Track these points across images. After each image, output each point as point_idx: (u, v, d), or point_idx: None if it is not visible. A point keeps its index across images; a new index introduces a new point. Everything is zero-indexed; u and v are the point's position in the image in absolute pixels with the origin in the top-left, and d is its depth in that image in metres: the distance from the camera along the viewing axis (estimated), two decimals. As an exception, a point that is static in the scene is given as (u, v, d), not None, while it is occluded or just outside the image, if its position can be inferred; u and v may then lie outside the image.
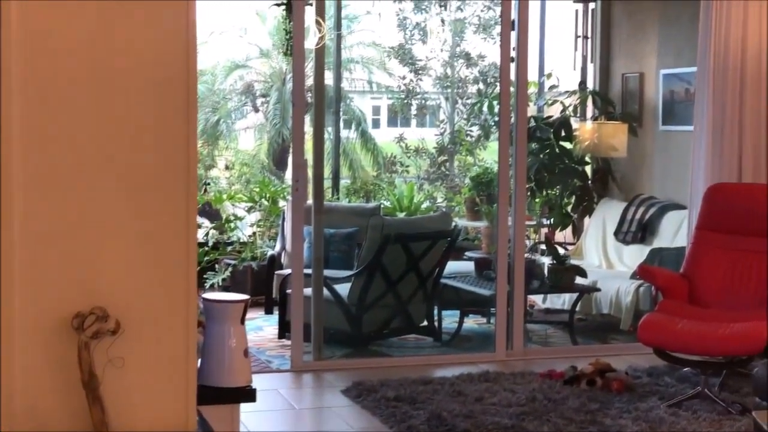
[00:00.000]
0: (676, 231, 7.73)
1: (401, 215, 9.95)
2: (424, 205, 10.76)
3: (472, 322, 8.04)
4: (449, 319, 7.83)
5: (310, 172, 6.90)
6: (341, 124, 12.69)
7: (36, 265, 2.49)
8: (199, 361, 2.94)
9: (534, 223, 9.32)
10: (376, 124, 16.78)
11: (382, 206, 9.61)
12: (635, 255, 8.06)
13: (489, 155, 11.67)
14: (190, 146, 2.65)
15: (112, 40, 2.54)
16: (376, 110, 17.33)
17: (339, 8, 10.30)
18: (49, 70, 2.50)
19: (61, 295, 2.51)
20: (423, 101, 13.95)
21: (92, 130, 2.55)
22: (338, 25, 10.25)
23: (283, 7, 8.59)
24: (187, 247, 2.67)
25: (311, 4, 7.20)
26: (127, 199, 2.60)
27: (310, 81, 7.06)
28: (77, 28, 2.51)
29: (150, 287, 2.62)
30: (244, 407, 3.16)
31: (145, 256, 2.62)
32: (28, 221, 2.47)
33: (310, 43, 7.00)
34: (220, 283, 8.66)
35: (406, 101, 13.87)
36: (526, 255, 7.24)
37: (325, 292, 6.87)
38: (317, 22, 7.24)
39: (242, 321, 3.06)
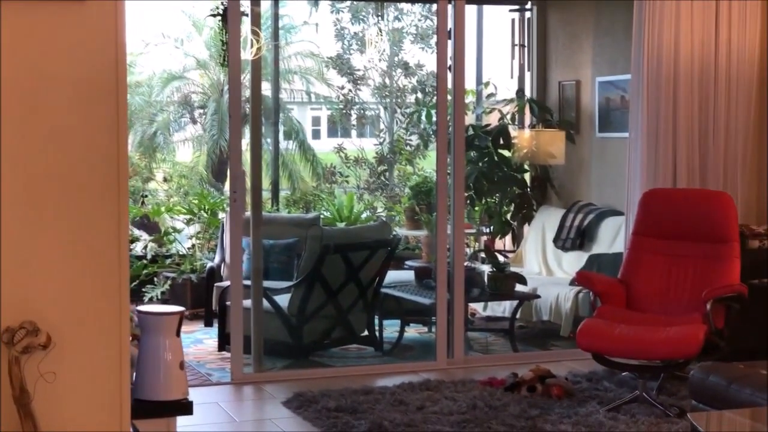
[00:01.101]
0: (614, 237, 7.81)
1: (341, 226, 9.93)
2: (364, 215, 10.75)
3: (413, 332, 8.04)
4: (390, 329, 7.82)
5: (248, 183, 6.86)
6: (281, 135, 12.65)
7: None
8: (134, 374, 2.90)
9: (474, 231, 9.36)
10: (316, 134, 16.75)
11: (321, 216, 9.58)
12: (574, 261, 8.12)
13: (428, 164, 11.70)
14: (120, 157, 2.62)
15: (40, 45, 2.50)
16: (316, 121, 17.30)
17: (276, 19, 10.26)
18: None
19: (-10, 310, 2.46)
20: (362, 111, 13.94)
21: (20, 140, 2.51)
22: (275, 36, 10.21)
23: (219, 17, 8.53)
24: (119, 259, 2.63)
25: (247, 15, 7.16)
26: (57, 211, 2.55)
27: (248, 92, 7.02)
28: (4, 32, 2.46)
29: (82, 300, 2.58)
30: (182, 421, 3.12)
31: (76, 268, 2.58)
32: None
33: (247, 54, 6.96)
34: (159, 297, 8.58)
35: (345, 111, 13.85)
36: (465, 263, 7.26)
37: (265, 303, 6.83)
38: (254, 32, 7.20)
39: (178, 333, 3.02)
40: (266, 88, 9.85)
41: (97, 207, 2.59)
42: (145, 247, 9.14)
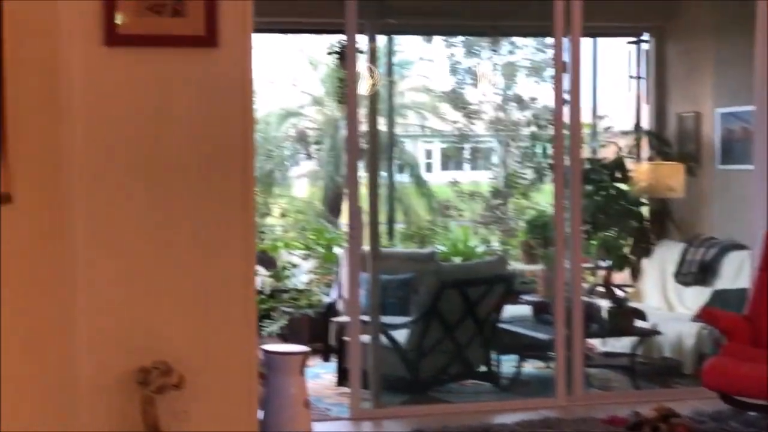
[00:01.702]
0: (738, 272, 7.61)
1: (457, 260, 9.91)
2: (479, 249, 10.71)
3: (531, 367, 7.95)
4: (508, 364, 7.75)
5: (365, 219, 6.91)
6: (395, 169, 12.71)
7: (100, 321, 2.50)
8: (261, 412, 2.93)
9: (591, 265, 9.24)
10: (429, 167, 16.78)
11: (437, 251, 9.58)
12: (696, 297, 7.94)
13: (544, 198, 11.61)
14: (247, 196, 2.67)
15: (171, 92, 2.57)
16: (429, 154, 17.34)
17: (391, 55, 10.35)
18: (109, 122, 2.52)
19: (125, 350, 2.52)
20: (476, 145, 13.93)
21: (151, 179, 2.57)
22: (390, 71, 10.29)
23: (336, 55, 8.65)
24: (246, 299, 2.67)
25: (363, 52, 7.24)
26: (187, 253, 2.61)
27: (362, 127, 7.10)
28: (137, 78, 2.53)
29: (212, 340, 2.62)
30: (306, 457, 3.14)
31: (205, 309, 2.62)
32: (91, 278, 2.49)
33: (363, 89, 7.04)
34: (278, 332, 8.67)
35: (459, 145, 13.86)
36: (584, 298, 7.16)
37: (383, 338, 6.85)
38: (369, 69, 7.27)
39: (302, 372, 3.05)
40: (381, 123, 9.92)
41: (225, 248, 2.64)
42: (263, 283, 9.25)
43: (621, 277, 9.37)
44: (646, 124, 9.16)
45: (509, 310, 7.76)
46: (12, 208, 2.15)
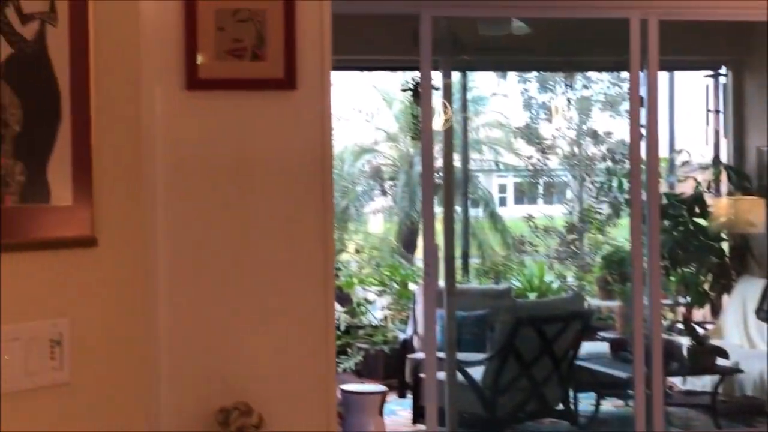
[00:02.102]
0: (821, 309, 7.45)
1: (532, 296, 9.85)
2: (554, 285, 10.63)
3: (609, 405, 7.85)
4: (585, 402, 7.66)
5: (440, 254, 6.90)
6: (469, 204, 12.70)
7: (182, 362, 2.52)
8: (339, 452, 2.93)
9: (670, 302, 9.10)
10: (502, 202, 16.72)
11: (512, 287, 9.52)
12: (779, 334, 7.78)
13: (620, 233, 11.49)
14: (326, 236, 2.67)
15: (251, 134, 2.59)
16: (502, 188, 17.28)
17: (465, 90, 10.36)
18: (190, 164, 2.56)
19: (206, 390, 2.53)
20: (550, 179, 13.87)
21: (232, 221, 2.60)
22: (464, 107, 10.31)
23: (410, 91, 8.69)
24: (325, 338, 2.68)
25: (438, 88, 7.26)
26: (267, 293, 2.62)
27: (437, 163, 7.11)
28: (217, 120, 2.57)
29: (290, 379, 2.62)
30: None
31: (284, 348, 2.63)
32: (172, 317, 2.52)
33: (438, 125, 7.05)
34: (353, 368, 8.67)
35: (533, 180, 13.81)
36: (663, 335, 7.05)
37: (459, 375, 6.82)
38: (444, 105, 7.29)
39: (380, 412, 3.04)
40: (455, 159, 9.93)
41: (305, 288, 2.64)
42: (338, 319, 9.28)
43: (701, 314, 9.22)
44: (724, 158, 9.03)
45: (586, 347, 7.68)
46: (97, 251, 2.19)
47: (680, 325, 8.51)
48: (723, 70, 9.12)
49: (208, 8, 2.51)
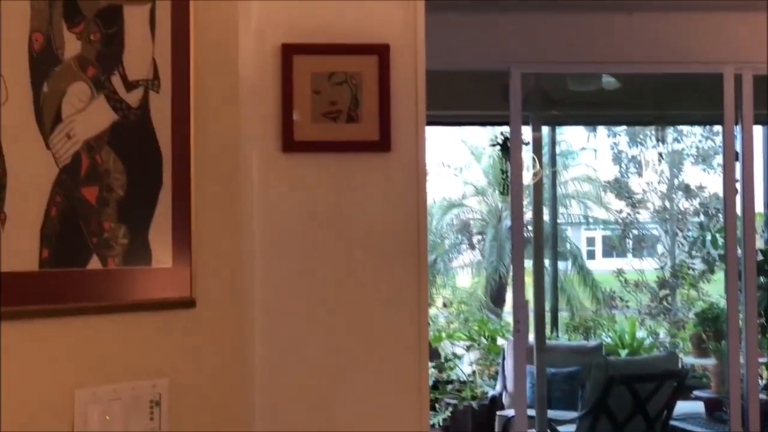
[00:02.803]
0: None
1: (623, 353, 9.69)
2: (646, 342, 10.45)
3: (704, 466, 7.65)
4: (680, 463, 7.49)
5: (530, 309, 6.84)
6: (557, 259, 12.58)
7: (275, 418, 2.54)
8: None
9: (767, 360, 8.88)
10: (590, 255, 16.55)
11: (603, 343, 9.39)
12: None
13: (714, 289, 11.27)
14: (421, 297, 2.68)
15: (346, 195, 2.62)
16: (590, 241, 17.12)
17: (554, 145, 10.33)
18: (285, 225, 2.59)
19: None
20: (640, 233, 13.69)
21: (327, 281, 2.61)
22: (553, 162, 10.27)
23: (499, 146, 8.69)
24: (419, 394, 2.67)
25: (527, 143, 7.26)
26: (362, 351, 2.63)
27: (526, 217, 7.09)
28: (312, 182, 2.60)
29: (386, 439, 2.62)
30: None
31: (378, 403, 2.63)
32: (267, 375, 2.54)
33: (527, 179, 7.04)
34: (441, 423, 8.61)
35: (622, 234, 13.66)
36: (760, 395, 6.87)
37: (549, 434, 6.72)
38: (533, 160, 7.28)
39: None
40: (544, 213, 9.88)
41: (399, 348, 2.65)
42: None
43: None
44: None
45: (681, 407, 7.51)
46: (195, 312, 2.22)
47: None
48: (819, 123, 8.93)
49: (304, 71, 2.55)
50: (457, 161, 14.95)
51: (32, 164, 1.93)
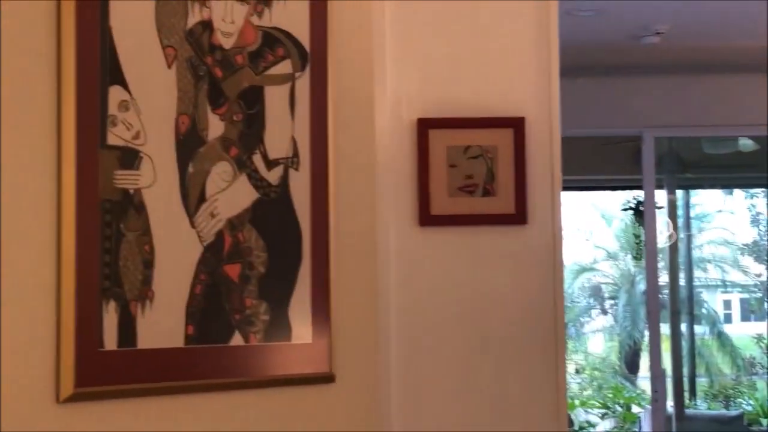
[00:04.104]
0: None
1: (765, 422, 9.34)
2: (791, 410, 10.05)
3: None
4: None
5: (667, 376, 6.67)
6: (694, 323, 12.25)
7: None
8: None
9: None
10: (726, 318, 16.07)
11: (744, 413, 9.07)
12: None
13: None
14: (559, 366, 2.65)
15: (481, 268, 2.61)
16: (727, 304, 16.63)
17: (688, 208, 10.13)
18: (421, 298, 2.59)
19: None
20: (781, 297, 13.24)
21: (464, 352, 2.61)
22: (688, 225, 10.06)
23: (632, 210, 8.58)
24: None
25: (661, 207, 7.14)
26: (498, 421, 2.61)
27: (660, 281, 6.94)
28: (448, 255, 2.60)
29: None
30: None
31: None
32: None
33: (661, 243, 6.91)
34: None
35: (762, 298, 13.24)
36: None
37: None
38: (668, 224, 7.15)
39: None
40: (680, 277, 9.66)
41: (535, 415, 2.62)
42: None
43: None
44: None
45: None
46: (334, 388, 2.23)
47: None
48: None
49: (440, 145, 2.57)
50: (587, 225, 14.78)
51: (178, 243, 1.98)
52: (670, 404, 6.58)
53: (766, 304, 13.38)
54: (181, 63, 2.00)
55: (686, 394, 10.04)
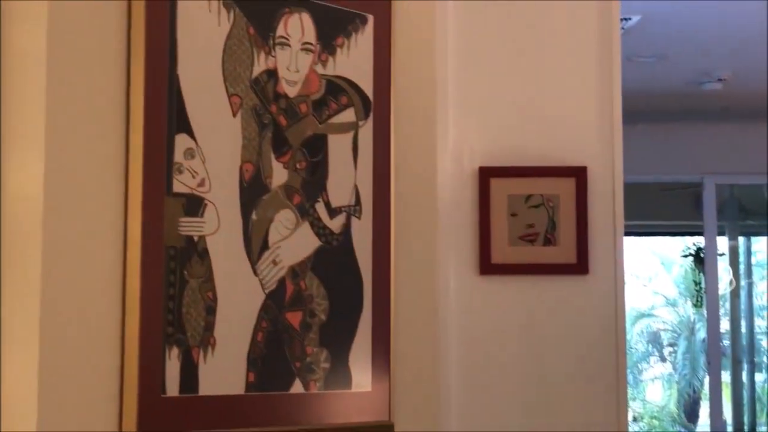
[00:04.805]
0: None
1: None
2: None
3: None
4: None
5: (728, 428, 6.55)
6: (755, 371, 12.04)
7: None
8: None
9: None
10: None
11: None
12: None
13: None
14: (621, 414, 2.62)
15: (541, 317, 2.60)
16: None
17: (750, 255, 9.99)
18: (481, 345, 2.58)
19: None
20: None
21: (525, 401, 2.59)
22: (749, 272, 9.91)
23: (692, 257, 8.49)
24: None
25: (722, 254, 7.07)
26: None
27: (722, 330, 6.84)
28: (508, 304, 2.59)
29: None
30: None
31: None
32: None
33: (722, 290, 6.83)
34: None
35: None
36: None
37: None
38: (728, 271, 7.07)
39: None
40: (740, 325, 9.51)
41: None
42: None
43: None
44: None
45: None
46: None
47: None
48: None
49: (501, 194, 2.56)
50: (646, 271, 14.62)
51: (240, 290, 1.99)
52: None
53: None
54: (246, 111, 2.03)
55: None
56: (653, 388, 15.05)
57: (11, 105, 1.78)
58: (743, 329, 9.73)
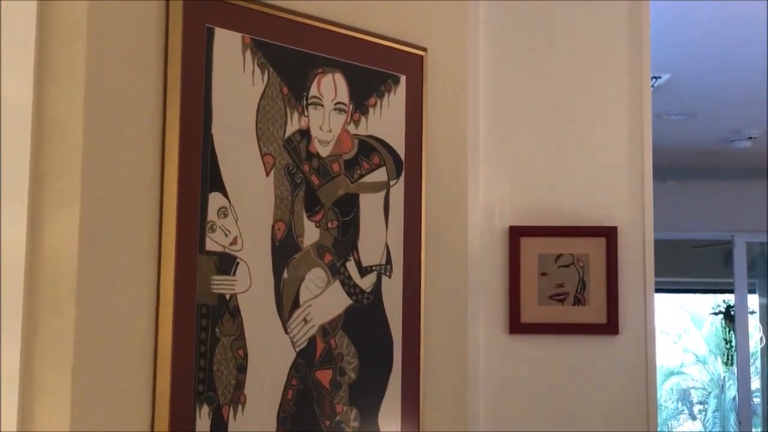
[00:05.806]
0: None
1: None
2: None
3: None
4: None
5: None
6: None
7: None
8: None
9: None
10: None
11: None
12: None
13: None
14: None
15: (570, 376, 2.59)
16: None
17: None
18: (511, 403, 2.57)
19: None
20: None
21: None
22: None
23: (721, 314, 8.44)
24: None
25: (754, 312, 7.02)
26: None
27: (753, 387, 6.77)
28: (537, 363, 2.58)
29: None
30: None
31: None
32: None
33: (753, 348, 6.76)
34: None
35: None
36: None
37: None
38: (759, 328, 7.01)
39: None
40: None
41: None
42: None
43: None
44: None
45: None
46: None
47: None
48: None
49: (531, 253, 2.56)
50: (675, 328, 14.51)
51: (271, 348, 2.00)
52: None
53: None
54: (278, 170, 2.04)
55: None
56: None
57: (48, 162, 1.80)
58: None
